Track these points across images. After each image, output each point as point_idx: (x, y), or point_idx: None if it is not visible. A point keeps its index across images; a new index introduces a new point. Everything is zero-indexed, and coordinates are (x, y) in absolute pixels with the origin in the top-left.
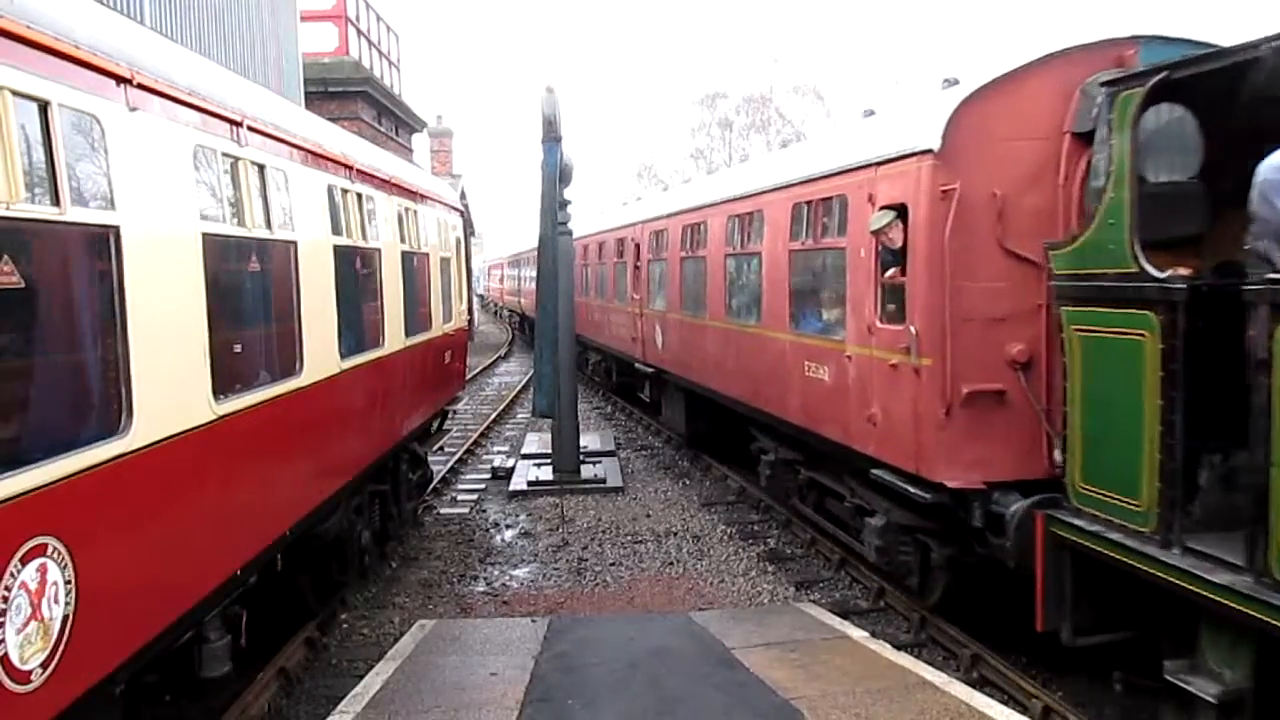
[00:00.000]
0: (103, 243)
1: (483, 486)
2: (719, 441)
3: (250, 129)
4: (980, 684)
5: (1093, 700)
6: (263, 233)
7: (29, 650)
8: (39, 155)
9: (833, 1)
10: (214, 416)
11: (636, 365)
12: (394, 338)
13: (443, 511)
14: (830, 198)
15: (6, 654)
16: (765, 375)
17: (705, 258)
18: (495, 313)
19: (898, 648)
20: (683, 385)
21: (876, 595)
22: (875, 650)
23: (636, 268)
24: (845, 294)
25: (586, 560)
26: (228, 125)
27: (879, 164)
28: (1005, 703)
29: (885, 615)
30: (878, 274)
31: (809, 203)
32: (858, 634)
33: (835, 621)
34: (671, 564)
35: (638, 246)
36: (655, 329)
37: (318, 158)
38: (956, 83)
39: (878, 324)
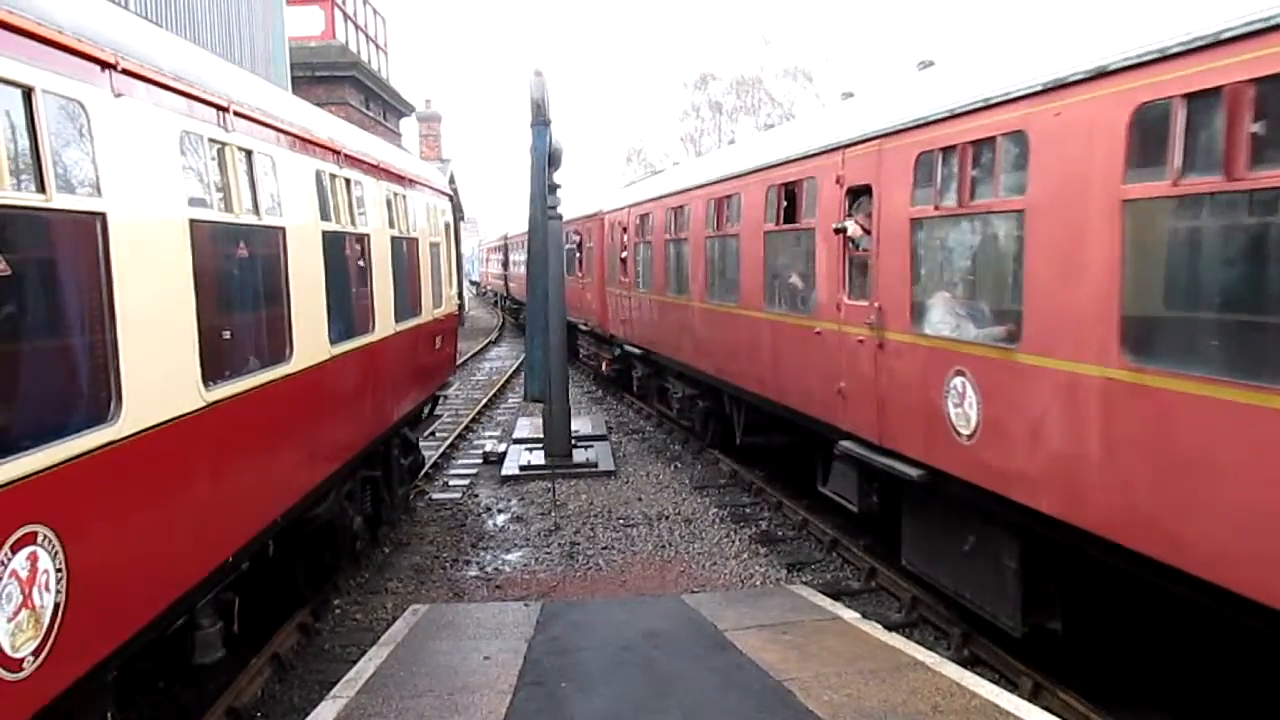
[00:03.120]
0: (89, 229)
1: (474, 471)
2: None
3: (237, 114)
4: (971, 663)
5: (1082, 678)
6: (250, 219)
7: (20, 638)
8: (24, 142)
9: None
10: (203, 403)
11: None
12: (384, 323)
13: (435, 497)
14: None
15: None
16: None
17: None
18: (495, 303)
19: (889, 628)
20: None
21: (868, 576)
22: (867, 631)
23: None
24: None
25: (579, 544)
26: (214, 111)
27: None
28: (996, 681)
29: (877, 596)
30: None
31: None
32: (849, 615)
33: (827, 603)
34: (664, 547)
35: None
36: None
37: (305, 143)
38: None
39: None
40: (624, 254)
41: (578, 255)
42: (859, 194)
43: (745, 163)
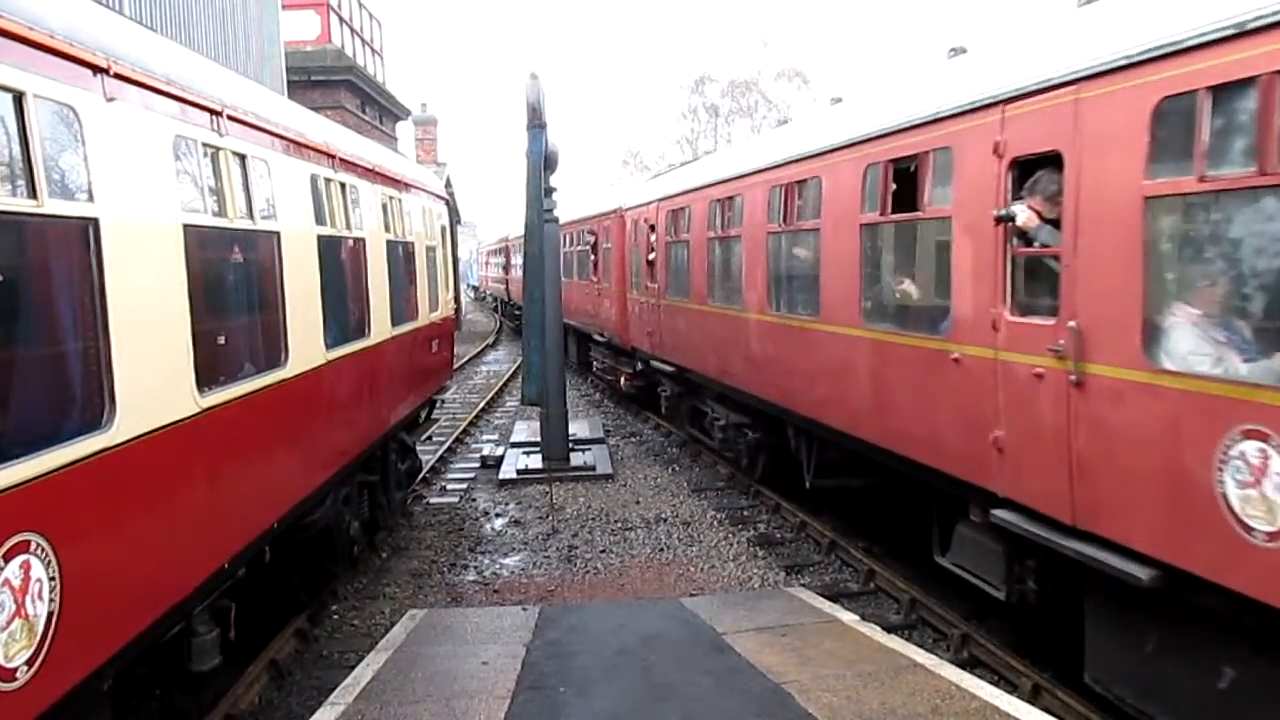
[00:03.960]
0: (82, 235)
1: (472, 475)
2: None
3: (231, 118)
4: (970, 664)
5: (1081, 679)
6: (245, 223)
7: (14, 648)
8: (15, 147)
9: None
10: (198, 409)
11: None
12: (380, 327)
13: (432, 501)
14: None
15: None
16: None
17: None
18: (495, 308)
19: (888, 630)
20: None
21: (866, 578)
22: (866, 633)
23: None
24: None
25: (577, 548)
26: (208, 115)
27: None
28: (995, 683)
29: (875, 598)
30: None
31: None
32: (848, 617)
33: (825, 605)
34: (662, 550)
35: None
36: None
37: (300, 147)
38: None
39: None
40: (650, 256)
41: (592, 257)
42: (1032, 167)
43: (825, 138)
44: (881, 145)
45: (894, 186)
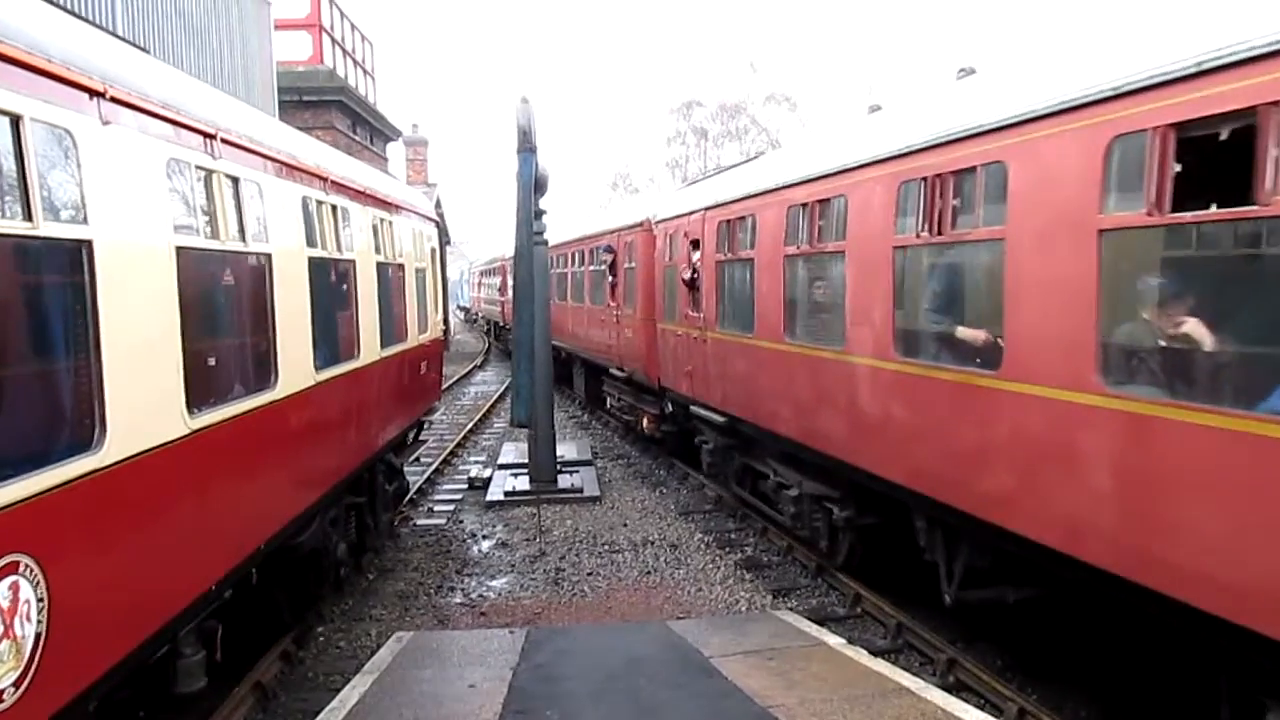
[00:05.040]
0: (76, 257)
1: (460, 497)
2: None
3: (224, 141)
4: (957, 688)
5: (1069, 704)
6: (237, 245)
7: (1, 669)
8: (11, 169)
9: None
10: (188, 431)
11: None
12: (369, 349)
13: (419, 523)
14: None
15: None
16: None
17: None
18: (488, 331)
19: (875, 654)
20: None
21: (853, 602)
22: (852, 657)
23: None
24: None
25: (564, 570)
26: (201, 138)
27: None
28: (982, 707)
29: (862, 621)
30: None
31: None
32: (835, 641)
33: (812, 629)
34: (649, 573)
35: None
36: None
37: (292, 169)
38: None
39: None
40: (690, 276)
41: (609, 279)
42: None
43: (1019, 103)
44: (1154, 103)
45: (1179, 169)
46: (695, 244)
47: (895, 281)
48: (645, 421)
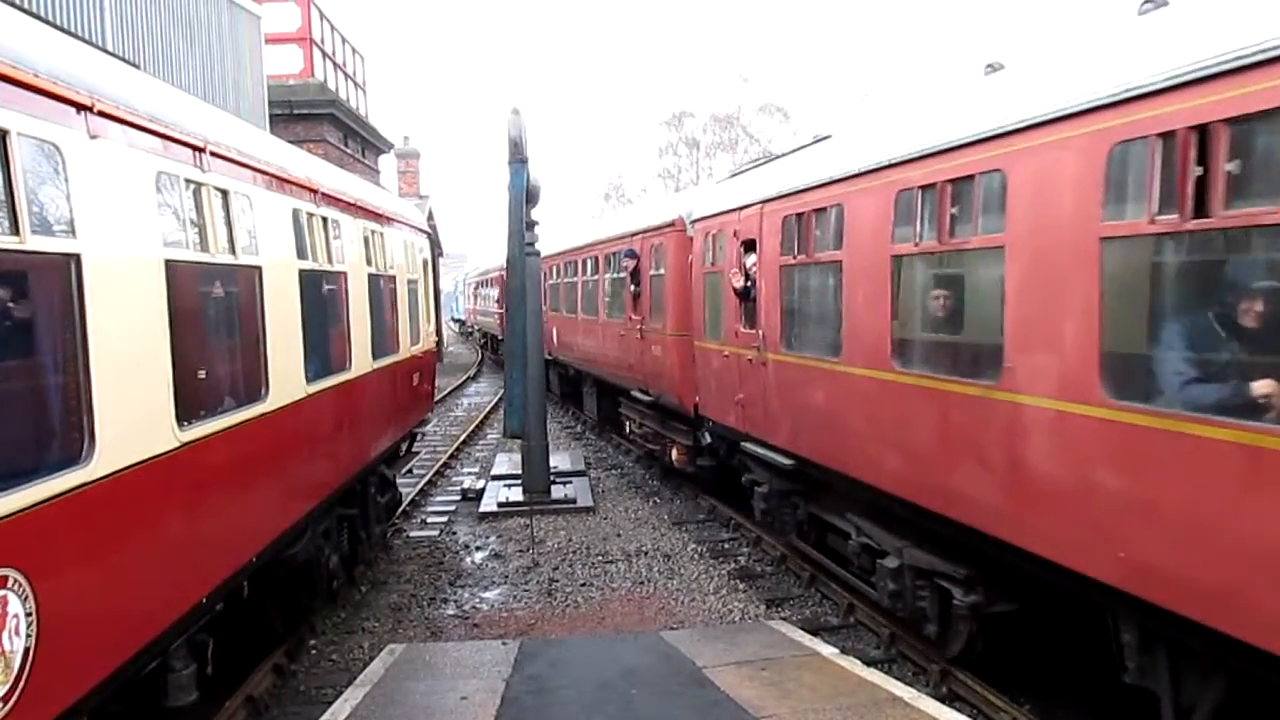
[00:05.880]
0: (64, 270)
1: (452, 508)
2: None
3: (213, 154)
4: (950, 699)
5: (1061, 715)
6: (227, 258)
7: None
8: None
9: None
10: (178, 444)
11: None
12: (361, 361)
13: (412, 534)
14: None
15: None
16: None
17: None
18: (485, 344)
19: (868, 664)
20: None
21: (846, 612)
22: (845, 667)
23: None
24: None
25: (557, 581)
26: (190, 151)
27: None
28: (974, 717)
29: (855, 631)
30: None
31: None
32: (828, 651)
33: (806, 639)
34: (642, 583)
35: None
36: None
37: (282, 182)
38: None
39: None
40: (743, 284)
41: (631, 287)
42: None
43: None
44: None
45: None
46: (748, 245)
47: (1102, 290)
48: (675, 453)
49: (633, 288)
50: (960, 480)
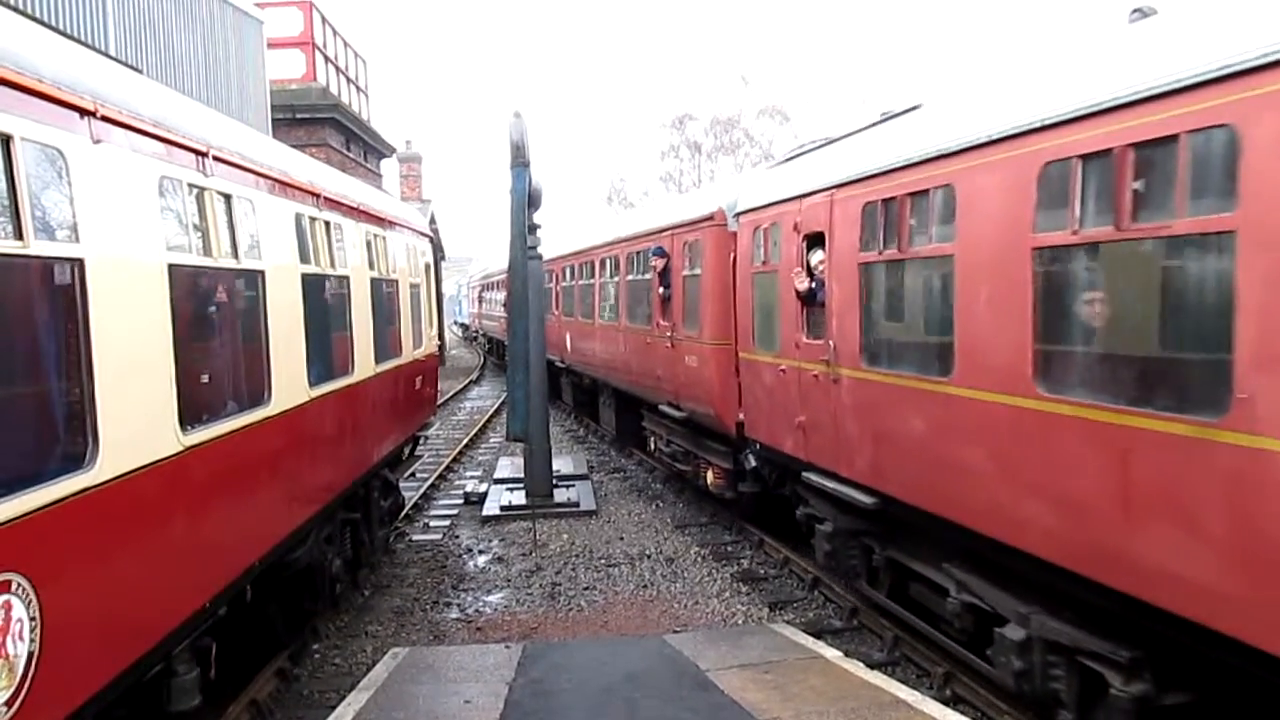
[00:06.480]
0: (67, 275)
1: (455, 512)
2: None
3: (216, 159)
4: (954, 702)
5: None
6: (229, 262)
7: None
8: (2, 189)
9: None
10: (181, 448)
11: None
12: (364, 365)
13: (415, 538)
14: None
15: None
16: None
17: None
18: (489, 349)
19: (871, 666)
20: None
21: (850, 614)
22: (849, 669)
23: None
24: None
25: (560, 584)
26: (193, 156)
27: None
28: None
29: (859, 634)
30: None
31: None
32: (831, 653)
33: (809, 641)
34: (645, 587)
35: None
36: None
37: (285, 186)
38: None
39: None
40: (808, 286)
41: (659, 289)
42: None
43: None
44: None
45: None
46: (814, 240)
47: None
48: (710, 475)
49: (662, 290)
50: (1148, 548)
